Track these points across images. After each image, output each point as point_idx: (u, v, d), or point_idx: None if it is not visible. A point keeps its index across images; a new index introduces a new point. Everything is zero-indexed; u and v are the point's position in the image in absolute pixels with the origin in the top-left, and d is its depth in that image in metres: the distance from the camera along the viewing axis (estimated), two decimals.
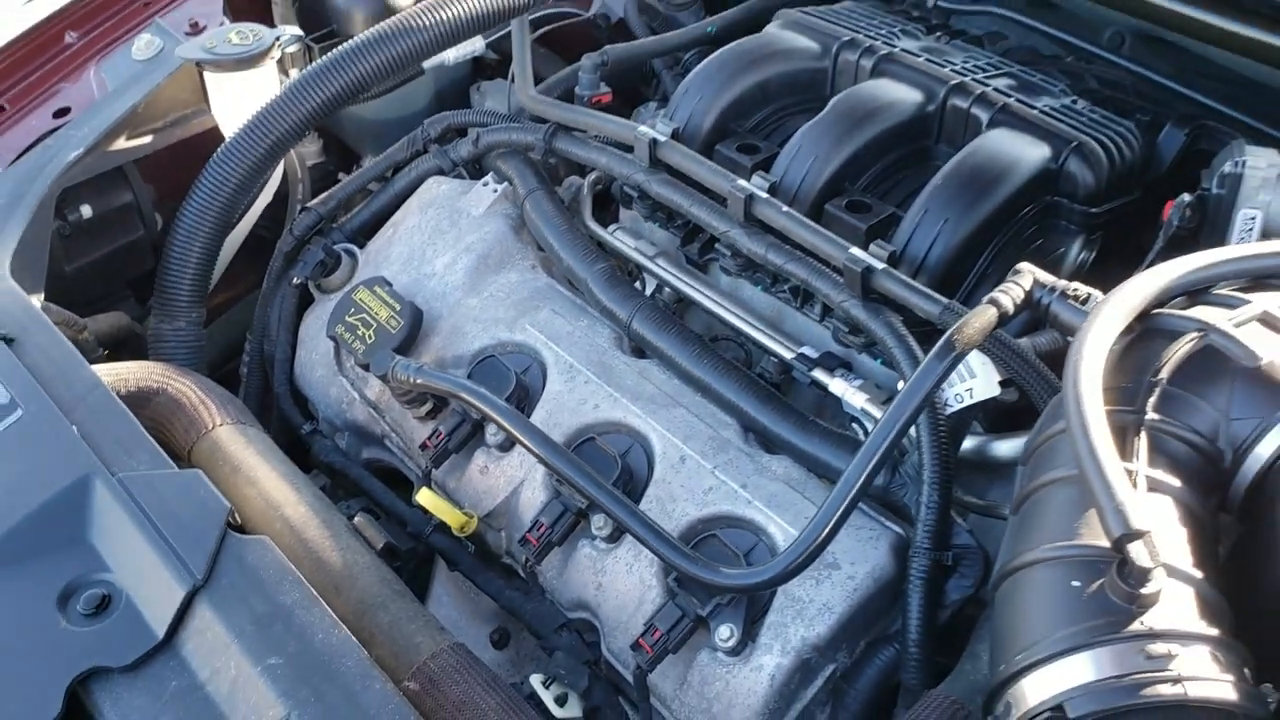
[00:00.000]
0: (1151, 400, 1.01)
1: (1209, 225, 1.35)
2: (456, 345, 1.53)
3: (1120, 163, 1.40)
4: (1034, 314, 1.15)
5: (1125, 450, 0.98)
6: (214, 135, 1.70)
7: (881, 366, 1.40)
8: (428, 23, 1.60)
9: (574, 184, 1.70)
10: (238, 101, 1.68)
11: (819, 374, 1.38)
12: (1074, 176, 1.39)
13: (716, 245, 1.51)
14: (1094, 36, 1.70)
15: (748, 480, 1.31)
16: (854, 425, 1.37)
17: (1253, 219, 1.31)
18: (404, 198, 1.74)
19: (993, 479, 1.30)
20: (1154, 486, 0.97)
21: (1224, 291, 1.11)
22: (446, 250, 1.61)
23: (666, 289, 1.59)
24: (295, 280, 1.69)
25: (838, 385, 1.36)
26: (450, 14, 1.61)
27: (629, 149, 1.54)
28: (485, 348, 1.52)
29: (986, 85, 1.49)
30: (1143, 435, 0.99)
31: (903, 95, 1.49)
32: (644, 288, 1.63)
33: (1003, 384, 1.26)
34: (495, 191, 1.66)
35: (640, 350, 1.49)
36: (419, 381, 1.43)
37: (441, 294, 1.59)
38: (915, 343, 1.28)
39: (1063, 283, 1.13)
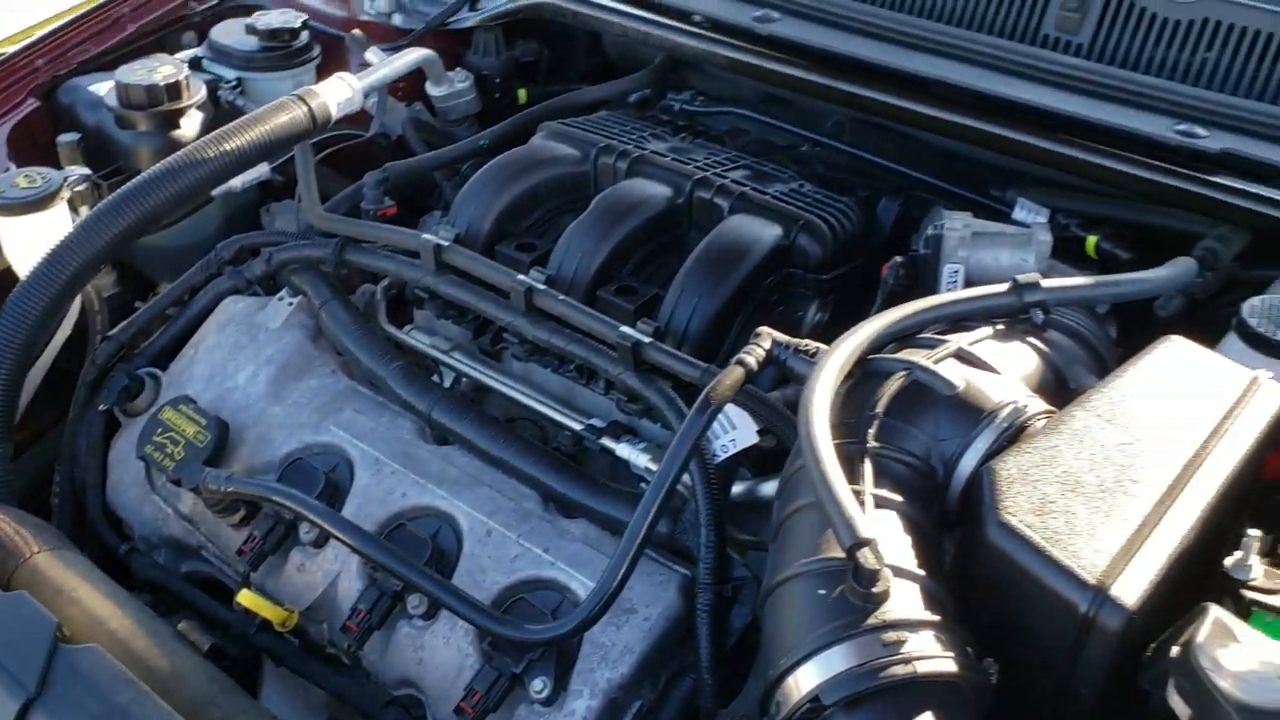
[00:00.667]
0: (872, 431, 1.19)
1: (921, 281, 1.57)
2: (264, 452, 1.62)
3: (842, 234, 1.62)
4: (778, 369, 1.34)
5: (854, 476, 1.15)
6: (8, 276, 1.75)
7: (660, 429, 1.56)
8: (212, 154, 1.70)
9: (367, 291, 1.82)
10: (30, 243, 1.73)
11: (606, 441, 1.53)
12: (804, 250, 1.59)
13: (505, 335, 1.65)
14: (819, 126, 1.95)
15: (550, 544, 1.44)
16: (642, 484, 1.52)
17: (956, 272, 1.54)
18: (202, 319, 1.82)
19: (764, 517, 1.46)
20: (880, 504, 1.14)
21: (927, 335, 1.32)
22: (247, 364, 1.70)
23: (464, 379, 1.72)
24: (101, 407, 1.74)
25: (623, 449, 1.51)
26: (234, 145, 1.71)
27: (416, 255, 1.67)
28: (292, 451, 1.61)
29: (725, 178, 1.69)
30: (867, 462, 1.17)
31: (655, 191, 1.68)
32: (443, 380, 1.75)
33: (761, 432, 1.43)
34: (290, 305, 1.76)
35: (443, 438, 1.61)
36: (229, 490, 1.51)
37: (246, 405, 1.67)
38: (683, 404, 1.44)
39: (796, 340, 1.32)
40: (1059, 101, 1.61)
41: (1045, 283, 1.33)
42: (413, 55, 1.98)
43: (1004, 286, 1.33)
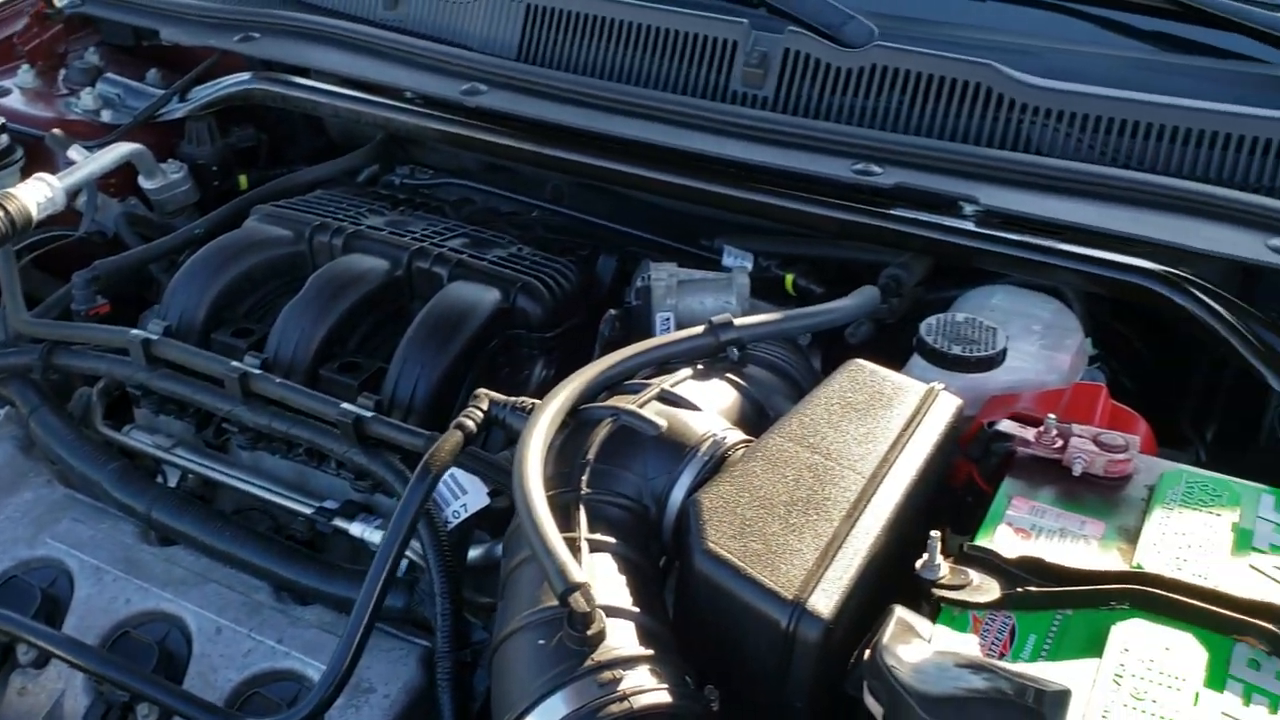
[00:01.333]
0: (584, 478, 1.22)
1: (638, 331, 1.62)
2: None
3: (560, 293, 1.65)
4: (502, 428, 1.35)
5: (570, 523, 1.18)
6: None
7: (395, 503, 1.54)
8: None
9: (83, 394, 1.74)
10: None
11: (339, 521, 1.50)
12: (524, 311, 1.62)
13: (227, 425, 1.61)
14: (539, 192, 2.00)
15: (283, 634, 1.40)
16: None
17: (667, 320, 1.60)
18: None
19: None
20: (596, 548, 1.17)
21: (635, 381, 1.37)
22: None
23: (190, 475, 1.66)
24: None
25: (356, 528, 1.49)
26: None
27: (126, 352, 1.62)
28: (7, 570, 1.51)
29: (443, 246, 1.71)
30: (581, 508, 1.20)
31: (372, 265, 1.68)
32: (169, 479, 1.69)
33: (492, 494, 1.44)
34: None
35: (168, 538, 1.55)
36: None
37: None
38: (409, 474, 1.44)
39: (512, 399, 1.34)
40: (750, 152, 1.70)
41: (738, 322, 1.41)
42: (118, 150, 1.93)
43: (700, 329, 1.40)
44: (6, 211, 1.73)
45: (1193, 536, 1.17)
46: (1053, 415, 1.29)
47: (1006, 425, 1.32)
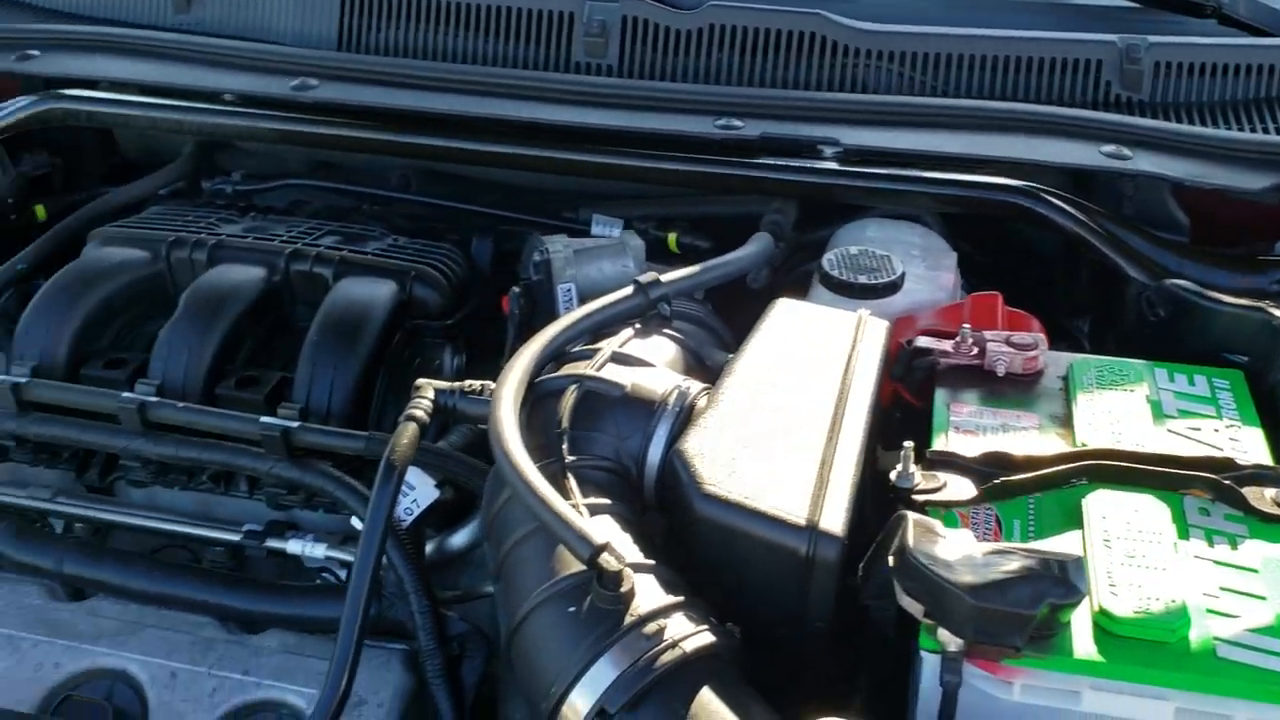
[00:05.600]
0: (565, 446, 1.23)
1: (540, 305, 1.62)
2: None
3: (455, 278, 1.64)
4: (444, 418, 1.33)
5: (561, 492, 1.18)
6: None
7: (322, 515, 1.48)
8: None
9: None
10: None
11: (273, 543, 1.43)
12: (423, 300, 1.59)
13: (122, 462, 1.50)
14: (383, 182, 1.94)
15: (248, 665, 1.33)
16: (322, 575, 1.45)
17: (569, 291, 1.61)
18: None
19: (459, 569, 1.45)
20: (594, 511, 1.18)
21: (580, 348, 1.38)
22: None
23: (78, 524, 1.53)
24: None
25: (295, 546, 1.42)
26: None
27: None
28: None
29: (318, 246, 1.65)
30: (570, 476, 1.20)
31: (247, 274, 1.60)
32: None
33: (438, 486, 1.41)
34: None
35: (79, 591, 1.43)
36: None
37: None
38: (352, 480, 1.39)
39: (459, 384, 1.32)
40: (611, 119, 1.72)
41: (664, 278, 1.44)
42: None
43: (630, 290, 1.42)
44: None
45: (1117, 413, 1.30)
46: (966, 325, 1.40)
47: (924, 340, 1.42)
